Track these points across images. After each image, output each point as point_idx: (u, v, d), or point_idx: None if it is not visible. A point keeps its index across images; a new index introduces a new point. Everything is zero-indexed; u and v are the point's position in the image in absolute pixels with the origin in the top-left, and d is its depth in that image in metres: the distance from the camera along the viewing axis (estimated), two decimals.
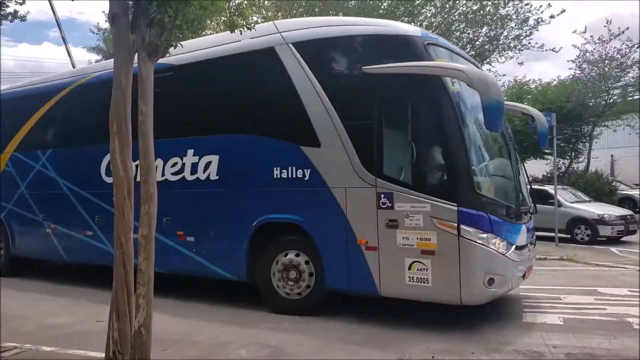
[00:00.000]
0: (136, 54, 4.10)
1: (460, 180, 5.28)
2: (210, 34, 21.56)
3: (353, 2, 19.99)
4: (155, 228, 4.28)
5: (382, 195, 5.62)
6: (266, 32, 6.67)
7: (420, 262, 5.41)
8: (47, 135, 9.25)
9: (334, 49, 6.13)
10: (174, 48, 4.28)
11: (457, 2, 18.77)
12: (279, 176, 6.35)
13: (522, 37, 19.19)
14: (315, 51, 6.20)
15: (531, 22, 18.71)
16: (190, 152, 7.14)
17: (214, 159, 6.91)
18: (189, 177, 7.14)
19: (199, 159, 7.05)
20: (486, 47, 19.60)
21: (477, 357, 4.56)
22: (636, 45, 20.17)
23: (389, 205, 5.58)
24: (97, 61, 27.81)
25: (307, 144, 6.14)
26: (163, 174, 7.37)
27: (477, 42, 19.55)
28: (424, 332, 5.34)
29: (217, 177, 6.88)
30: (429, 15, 19.11)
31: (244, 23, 5.27)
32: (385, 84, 5.65)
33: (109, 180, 7.93)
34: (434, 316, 5.78)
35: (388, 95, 5.68)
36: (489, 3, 18.66)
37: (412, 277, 5.45)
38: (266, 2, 21.47)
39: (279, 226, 6.45)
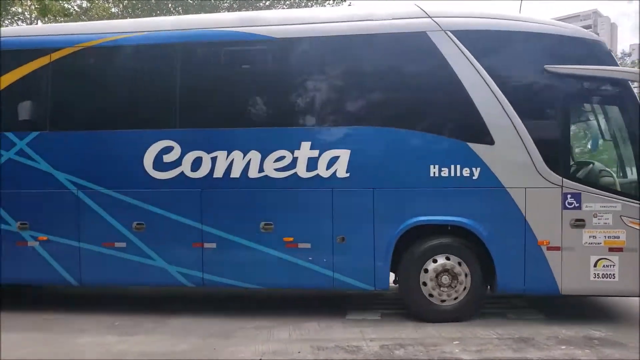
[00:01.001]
0: None
1: None
2: (22, 13, 17.66)
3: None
4: None
5: (569, 196, 5.46)
6: (410, 14, 5.83)
7: (607, 259, 5.44)
8: (29, 113, 6.42)
9: (508, 43, 5.65)
10: None
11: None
12: (436, 175, 5.63)
13: None
14: (483, 42, 5.63)
15: None
16: (306, 145, 5.80)
17: (343, 153, 5.75)
18: (304, 174, 5.81)
19: (320, 154, 5.78)
20: None
21: (303, 356, 4.66)
22: None
23: (576, 205, 5.46)
24: None
25: (477, 140, 5.58)
26: (261, 170, 5.85)
27: None
28: (250, 335, 5.30)
29: (348, 174, 5.75)
30: None
31: (61, 8, 4.30)
32: (571, 84, 5.49)
33: (158, 175, 5.97)
34: (258, 318, 5.88)
35: (576, 96, 5.53)
36: None
37: (598, 274, 5.45)
38: None
39: (425, 229, 5.75)
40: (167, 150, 5.99)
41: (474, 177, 5.57)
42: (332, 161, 5.76)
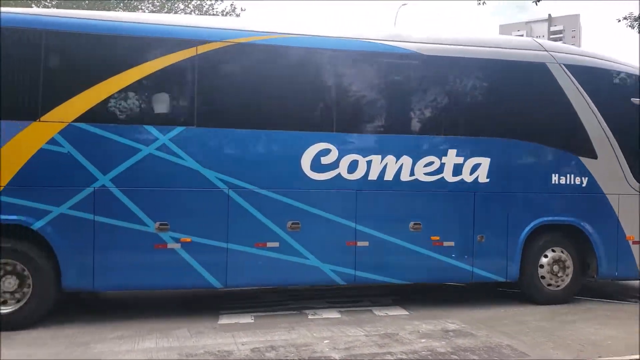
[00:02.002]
0: None
1: None
2: None
3: None
4: None
5: None
6: (530, 46, 6.79)
7: None
8: (172, 106, 5.93)
9: (605, 78, 6.87)
10: None
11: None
12: (556, 182, 6.63)
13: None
14: (588, 76, 6.77)
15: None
16: (452, 152, 6.37)
17: (484, 161, 6.44)
18: (450, 179, 6.36)
19: (464, 160, 6.39)
20: None
21: None
22: None
23: None
24: None
25: (585, 155, 6.71)
26: (412, 174, 6.27)
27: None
28: (112, 346, 4.91)
29: (488, 180, 6.45)
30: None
31: None
32: None
33: (315, 176, 6.06)
34: (123, 327, 5.50)
35: None
36: None
37: None
38: None
39: (544, 227, 6.68)
40: (325, 152, 6.05)
41: (582, 185, 6.68)
42: (475, 168, 6.40)
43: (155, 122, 5.77)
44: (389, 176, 6.20)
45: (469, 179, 6.39)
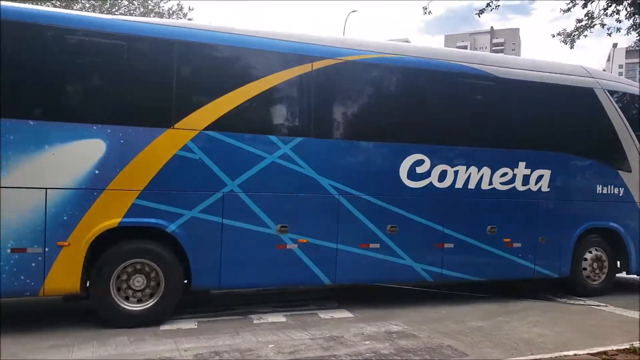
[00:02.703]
0: None
1: None
2: None
3: None
4: None
5: None
6: (579, 73, 7.76)
7: None
8: (292, 118, 6.31)
9: (636, 102, 8.00)
10: None
11: None
12: (600, 191, 7.68)
13: None
14: (624, 100, 7.88)
15: None
16: (522, 164, 7.23)
17: (546, 172, 7.36)
18: (520, 188, 7.23)
19: (531, 172, 7.28)
20: None
21: None
22: None
23: None
24: None
25: (622, 168, 7.81)
26: (490, 183, 7.08)
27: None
28: (45, 356, 4.63)
29: (549, 189, 7.37)
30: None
31: None
32: None
33: (411, 184, 6.74)
34: (56, 335, 5.20)
35: None
36: None
37: None
38: None
39: (587, 230, 7.72)
40: (419, 162, 6.70)
41: (620, 194, 7.77)
42: (539, 178, 7.30)
43: (278, 132, 6.17)
44: (472, 185, 6.95)
45: (534, 188, 7.28)
